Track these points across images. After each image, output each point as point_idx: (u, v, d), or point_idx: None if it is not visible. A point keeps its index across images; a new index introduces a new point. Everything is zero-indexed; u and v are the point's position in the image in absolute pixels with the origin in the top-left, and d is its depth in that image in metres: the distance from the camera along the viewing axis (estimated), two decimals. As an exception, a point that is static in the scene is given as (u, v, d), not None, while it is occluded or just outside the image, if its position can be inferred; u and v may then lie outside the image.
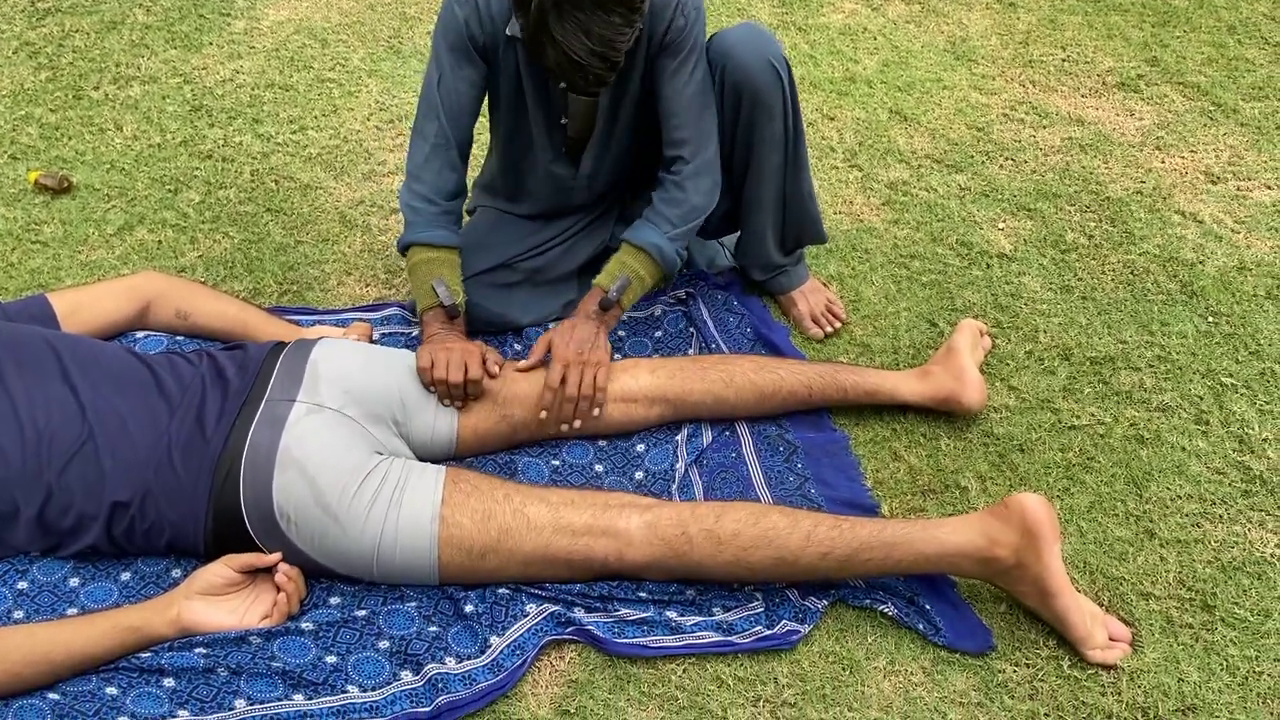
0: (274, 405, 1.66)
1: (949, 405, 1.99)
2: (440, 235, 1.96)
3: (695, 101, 1.96)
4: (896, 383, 2.00)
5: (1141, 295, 2.33)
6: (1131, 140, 2.83)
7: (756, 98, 1.98)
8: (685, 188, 1.98)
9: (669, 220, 1.98)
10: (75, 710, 1.46)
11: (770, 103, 1.99)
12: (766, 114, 2.00)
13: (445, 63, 1.91)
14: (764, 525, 1.62)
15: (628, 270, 1.97)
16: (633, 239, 1.99)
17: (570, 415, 1.88)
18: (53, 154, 2.63)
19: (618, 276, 1.97)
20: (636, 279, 1.97)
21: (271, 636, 1.57)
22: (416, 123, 1.97)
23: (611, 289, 1.95)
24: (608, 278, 1.98)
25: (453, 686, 1.53)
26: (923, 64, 3.13)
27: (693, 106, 1.95)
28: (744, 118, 2.01)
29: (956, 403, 1.98)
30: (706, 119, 1.98)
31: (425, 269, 1.95)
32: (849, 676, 1.60)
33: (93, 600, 1.62)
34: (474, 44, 1.89)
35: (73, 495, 1.59)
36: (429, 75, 1.94)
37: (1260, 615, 1.69)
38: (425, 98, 1.95)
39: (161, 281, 2.00)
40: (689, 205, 1.99)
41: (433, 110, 1.93)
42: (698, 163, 1.98)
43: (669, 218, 1.98)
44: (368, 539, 1.60)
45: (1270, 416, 2.04)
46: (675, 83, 1.94)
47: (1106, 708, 1.56)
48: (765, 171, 2.09)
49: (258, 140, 2.71)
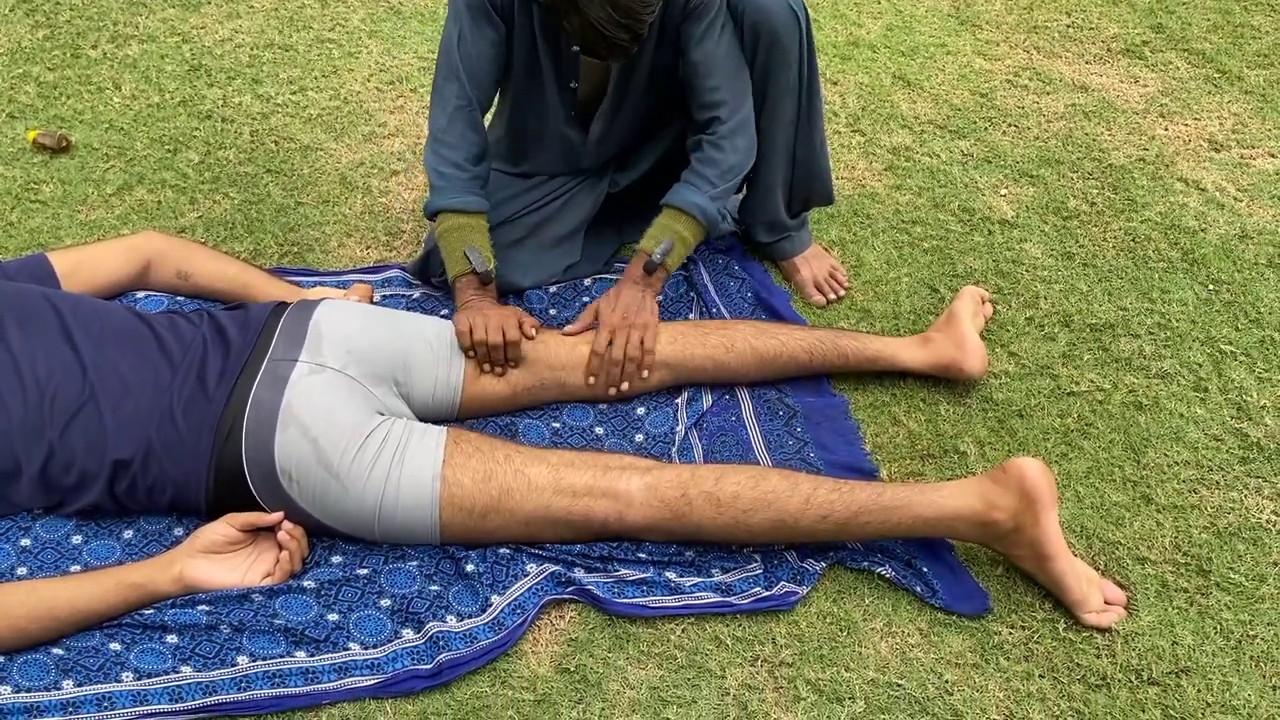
0: (276, 364, 1.66)
1: (949, 372, 1.99)
2: (470, 200, 1.94)
3: (728, 61, 1.95)
4: (897, 349, 2.00)
5: (1142, 262, 2.33)
6: (1135, 107, 2.82)
7: (774, 40, 1.96)
8: (723, 147, 1.97)
9: (709, 180, 1.98)
10: (79, 665, 1.47)
11: (787, 46, 1.98)
12: (782, 59, 1.99)
13: (465, 22, 1.89)
14: (764, 488, 1.62)
15: (670, 233, 1.97)
16: (674, 201, 1.98)
17: (618, 379, 1.90)
18: (51, 113, 2.61)
19: (661, 240, 1.96)
20: (680, 240, 1.97)
21: (274, 594, 1.58)
22: (436, 84, 1.95)
23: (655, 252, 1.95)
24: (651, 241, 1.97)
25: (454, 644, 1.55)
26: (927, 29, 3.11)
27: (726, 66, 1.95)
28: (759, 63, 2.00)
29: (957, 370, 1.98)
30: (740, 78, 1.97)
31: (457, 235, 1.94)
32: (846, 637, 1.61)
33: (95, 557, 1.63)
34: (492, 4, 1.88)
35: (75, 453, 1.59)
36: (448, 35, 1.92)
37: (1255, 580, 1.71)
38: (445, 59, 1.93)
39: (162, 241, 1.99)
40: (728, 164, 1.98)
41: (453, 72, 1.91)
42: (734, 121, 1.97)
43: (709, 178, 1.98)
44: (369, 498, 1.61)
45: (1269, 384, 2.05)
46: (705, 45, 1.92)
47: (1101, 669, 1.58)
48: (778, 122, 2.07)
49: (257, 101, 2.70)
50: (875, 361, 2.00)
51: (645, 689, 1.54)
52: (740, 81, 1.98)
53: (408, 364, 1.78)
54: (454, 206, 1.94)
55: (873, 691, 1.55)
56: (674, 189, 2.00)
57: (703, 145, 1.99)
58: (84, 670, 1.47)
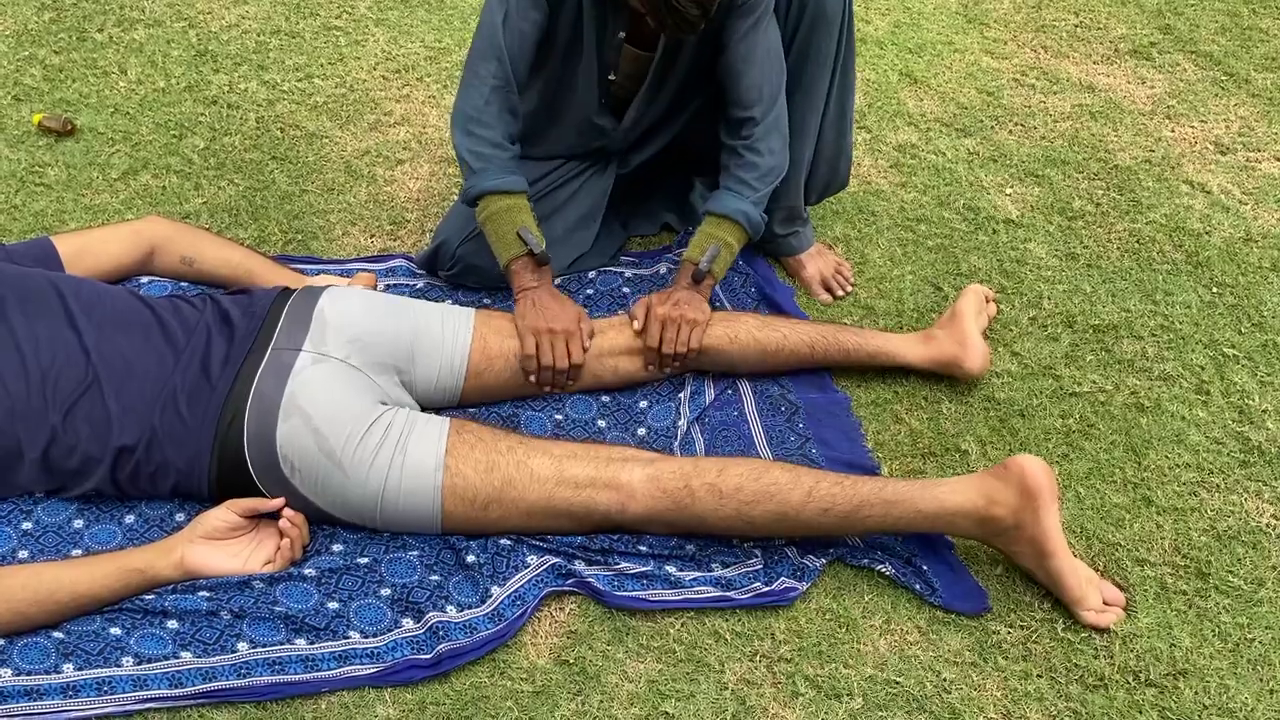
0: (279, 354, 1.66)
1: (951, 369, 1.99)
2: (513, 180, 1.90)
3: (767, 62, 1.94)
4: (899, 345, 2.00)
5: (1147, 264, 2.33)
6: (1142, 109, 2.82)
7: (820, 8, 1.96)
8: (759, 150, 1.96)
9: (749, 185, 1.97)
10: (79, 649, 1.47)
11: (831, 14, 1.97)
12: (826, 27, 1.98)
13: (512, 4, 1.86)
14: (766, 480, 1.63)
15: (715, 240, 1.96)
16: (717, 209, 1.97)
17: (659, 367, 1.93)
18: (56, 96, 2.61)
19: (706, 247, 1.96)
20: (725, 247, 1.97)
21: (274, 581, 1.58)
22: (471, 64, 1.90)
23: (702, 260, 1.95)
24: (697, 250, 1.97)
25: (453, 635, 1.55)
26: (934, 26, 3.10)
27: (765, 66, 1.93)
28: (801, 33, 1.99)
29: (958, 367, 1.98)
30: (775, 77, 1.96)
31: (505, 217, 1.90)
32: (845, 634, 1.62)
33: (96, 542, 1.63)
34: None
35: (78, 437, 1.59)
36: (490, 15, 1.88)
37: (1254, 584, 1.71)
38: (486, 38, 1.88)
39: (167, 227, 1.99)
40: (767, 167, 1.97)
41: (494, 50, 1.87)
42: (768, 122, 1.96)
43: (749, 182, 1.97)
44: (371, 487, 1.61)
45: (1271, 388, 2.05)
46: (748, 43, 1.91)
47: (1099, 670, 1.58)
48: (811, 99, 2.06)
49: (263, 87, 2.69)
50: (876, 357, 2.00)
51: (644, 682, 1.54)
52: (777, 80, 1.97)
53: (413, 349, 1.78)
54: (499, 188, 1.89)
55: (871, 688, 1.55)
56: (715, 197, 1.99)
57: (739, 150, 1.98)
58: (84, 654, 1.47)
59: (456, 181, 2.45)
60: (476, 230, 2.02)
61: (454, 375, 1.83)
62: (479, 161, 1.90)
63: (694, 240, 1.98)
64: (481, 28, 1.90)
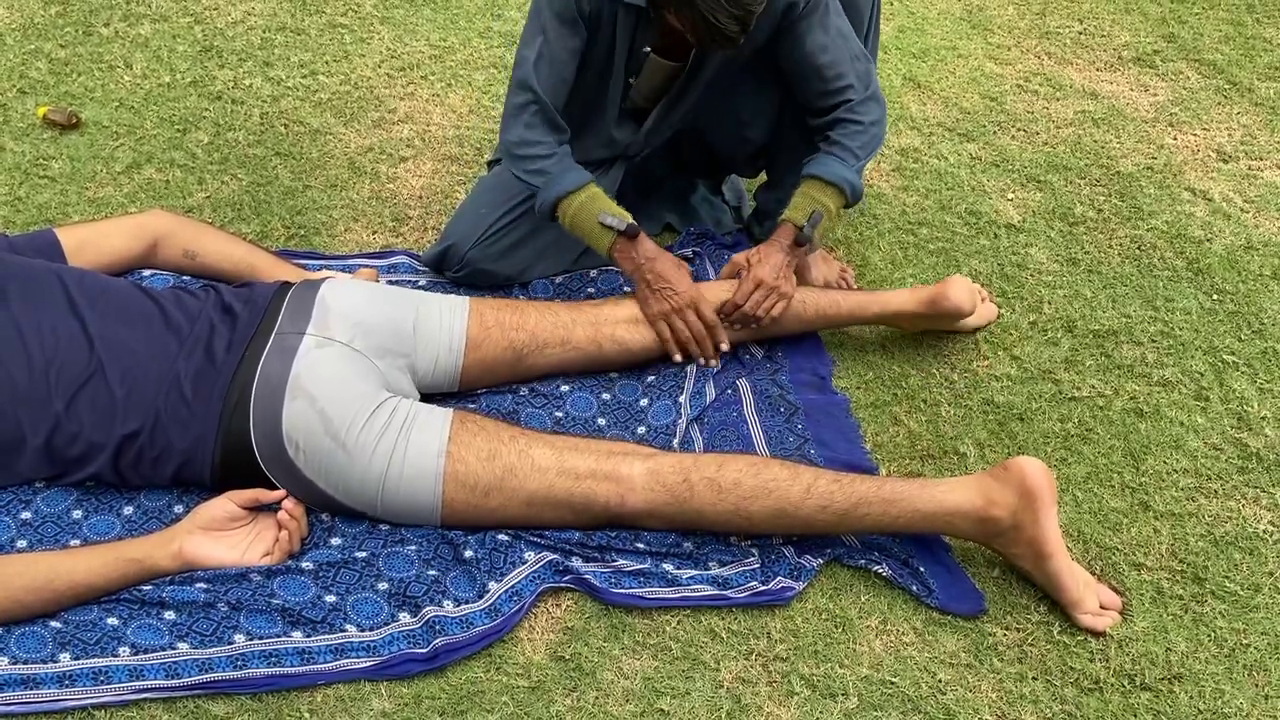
0: (284, 337, 1.67)
1: (937, 305, 2.01)
2: (574, 178, 1.92)
3: (841, 42, 1.94)
4: (890, 296, 2.06)
5: (1147, 270, 2.33)
6: (1144, 116, 2.82)
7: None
8: (860, 114, 1.96)
9: (852, 152, 1.95)
10: (76, 639, 1.48)
11: (860, 5, 2.00)
12: (855, 14, 2.00)
13: (551, 33, 1.88)
14: (765, 476, 1.63)
15: (818, 205, 1.94)
16: (821, 173, 1.94)
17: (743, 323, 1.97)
18: (62, 89, 2.62)
19: (809, 211, 1.94)
20: (826, 213, 1.95)
21: (272, 574, 1.58)
22: (509, 98, 1.95)
23: (806, 225, 1.93)
24: (799, 212, 1.95)
25: (450, 629, 1.55)
26: (938, 31, 3.11)
27: (841, 49, 1.94)
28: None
29: (944, 299, 2.00)
30: (856, 51, 1.96)
31: (583, 214, 1.92)
32: (841, 634, 1.62)
33: (95, 533, 1.64)
34: (581, 13, 1.88)
35: (81, 424, 1.60)
36: (527, 50, 1.91)
37: (1250, 589, 1.71)
38: (522, 73, 1.91)
39: (170, 220, 2.00)
40: (870, 134, 1.97)
41: (526, 86, 1.90)
42: (866, 93, 1.96)
43: (852, 149, 1.95)
44: (374, 470, 1.61)
45: (1270, 395, 2.05)
46: (818, 35, 1.91)
47: (1094, 673, 1.58)
48: None
49: (268, 83, 2.70)
50: (864, 306, 2.05)
51: (639, 679, 1.54)
52: (858, 55, 1.96)
53: (414, 332, 1.79)
54: (564, 190, 1.91)
55: (866, 688, 1.55)
56: (818, 160, 1.96)
57: (842, 119, 1.96)
58: (81, 644, 1.47)
59: (459, 179, 2.46)
60: (486, 234, 2.04)
61: (453, 352, 1.83)
62: (538, 178, 1.93)
63: (795, 201, 1.97)
64: (517, 63, 1.93)
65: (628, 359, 1.97)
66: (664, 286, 1.91)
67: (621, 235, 1.91)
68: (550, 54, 1.89)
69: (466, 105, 2.67)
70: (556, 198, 1.92)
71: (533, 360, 1.90)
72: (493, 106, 2.68)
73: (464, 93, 2.72)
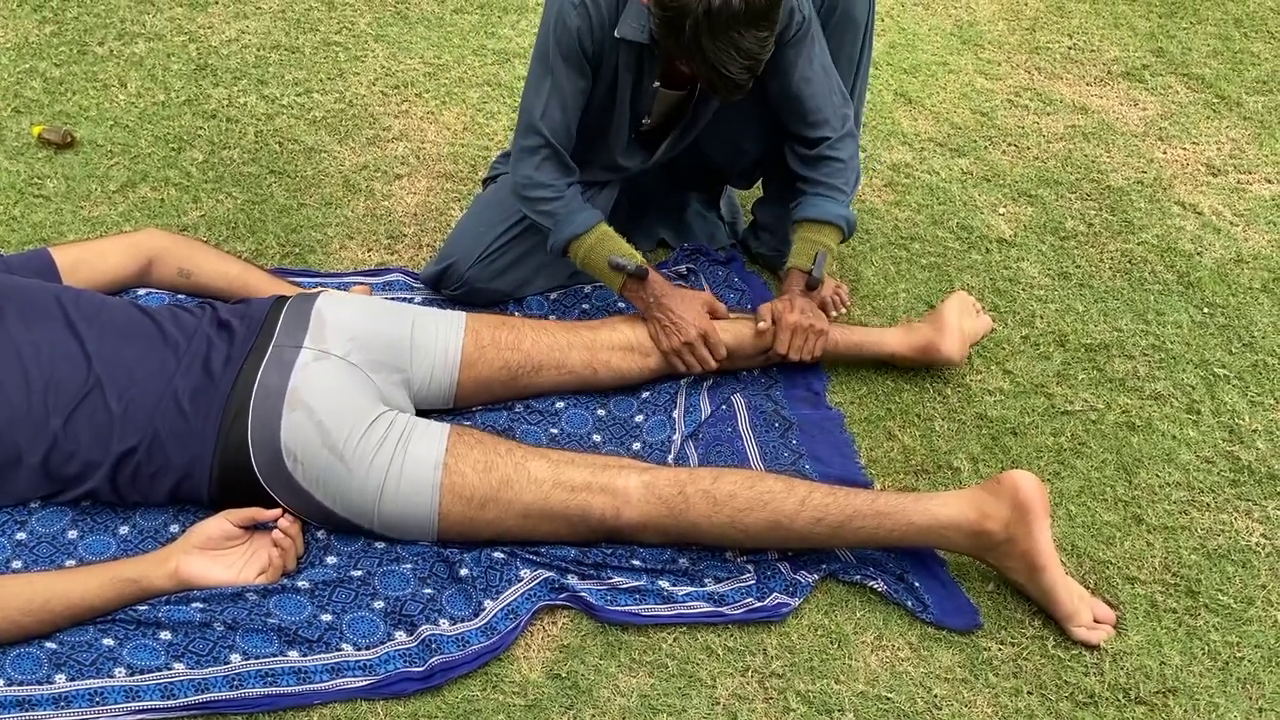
0: (281, 350, 1.68)
1: (930, 355, 2.04)
2: (584, 219, 1.98)
3: (824, 78, 1.99)
4: (882, 335, 2.07)
5: (1138, 284, 2.35)
6: (1134, 130, 2.84)
7: (848, 12, 2.02)
8: (842, 155, 2.03)
9: (839, 190, 2.03)
10: (72, 660, 1.47)
11: (857, 17, 2.03)
12: (852, 29, 2.04)
13: (560, 75, 1.91)
14: (760, 489, 1.64)
15: (819, 247, 2.02)
16: (816, 215, 2.02)
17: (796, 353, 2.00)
18: (56, 108, 2.62)
19: (814, 254, 2.01)
20: (829, 253, 2.04)
21: (268, 593, 1.58)
22: (516, 139, 1.98)
23: (813, 268, 2.00)
24: (805, 258, 2.02)
25: (446, 648, 1.55)
26: (929, 47, 3.13)
27: (823, 84, 1.99)
28: (828, 33, 2.02)
29: (935, 351, 2.03)
30: (836, 88, 2.02)
31: (594, 256, 1.98)
32: (837, 650, 1.62)
33: (90, 553, 1.64)
34: (585, 53, 1.90)
35: (78, 443, 1.60)
36: (535, 93, 1.93)
37: (1243, 602, 1.72)
38: (531, 117, 1.94)
39: (164, 239, 2.00)
40: (851, 168, 2.05)
41: (536, 131, 1.94)
42: (842, 131, 2.03)
43: (839, 187, 2.03)
44: (372, 482, 1.62)
45: (1261, 408, 2.06)
46: (802, 67, 1.96)
47: (1089, 687, 1.59)
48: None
49: (262, 102, 2.71)
50: (861, 347, 2.06)
51: (636, 697, 1.54)
52: (837, 91, 2.02)
53: (410, 346, 1.80)
54: (574, 232, 1.97)
55: (862, 704, 1.55)
56: (810, 203, 2.03)
57: (824, 157, 2.02)
58: (77, 665, 1.47)
59: (454, 196, 2.46)
60: (486, 253, 2.07)
61: (448, 368, 1.84)
62: (548, 220, 1.98)
63: (797, 248, 2.04)
64: (526, 103, 1.96)
65: (621, 384, 1.98)
66: (673, 322, 1.95)
67: (631, 276, 1.96)
68: (560, 96, 1.92)
69: (461, 123, 2.69)
70: (566, 240, 1.98)
71: (527, 381, 1.91)
72: (487, 124, 2.69)
73: (458, 110, 2.73)
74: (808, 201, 2.03)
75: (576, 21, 1.86)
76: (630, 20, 1.86)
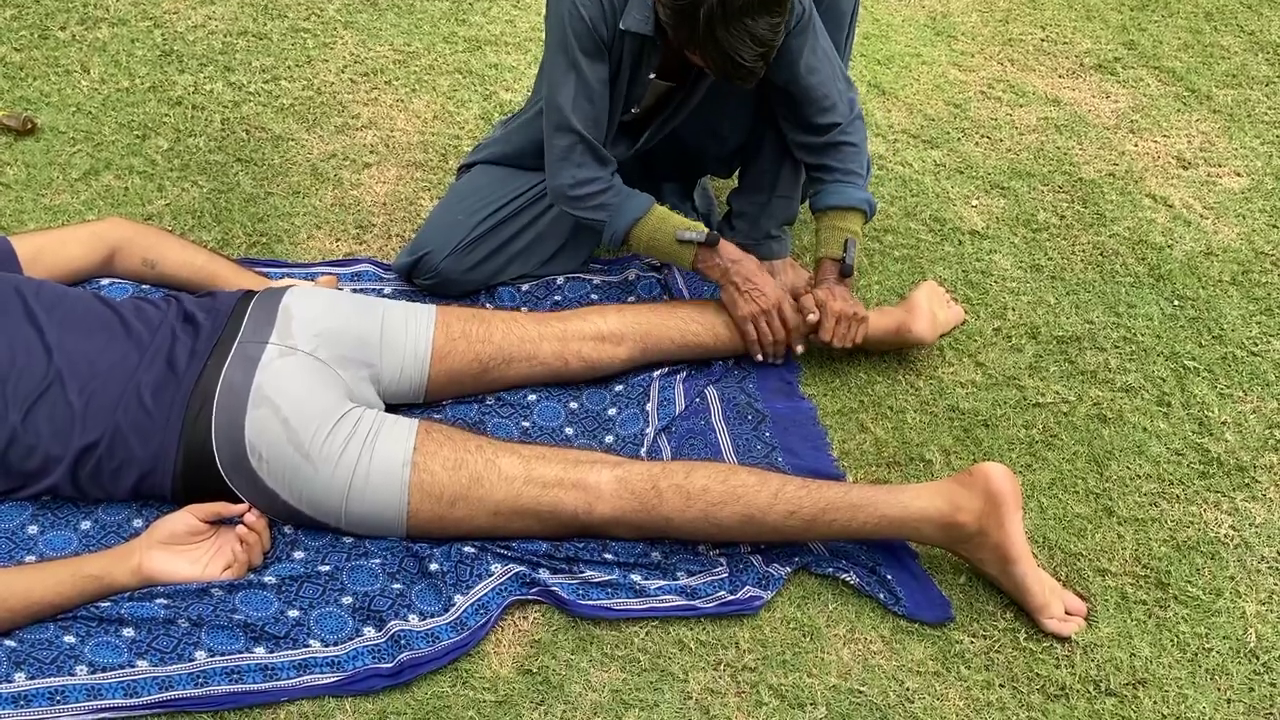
0: (246, 346, 1.65)
1: (901, 334, 2.06)
2: (637, 205, 1.98)
3: (827, 64, 2.00)
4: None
5: (1110, 277, 2.35)
6: (1106, 122, 2.85)
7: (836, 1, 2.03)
8: (854, 139, 2.05)
9: (856, 174, 2.05)
10: (32, 658, 1.45)
11: (844, 7, 2.05)
12: (837, 19, 2.05)
13: (583, 68, 1.89)
14: (733, 482, 1.63)
15: (847, 233, 2.04)
16: (841, 203, 2.03)
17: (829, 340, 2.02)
18: (16, 94, 2.57)
19: (843, 242, 2.02)
20: (857, 238, 2.05)
21: (234, 589, 1.56)
22: (555, 142, 1.96)
23: (845, 256, 2.02)
24: (834, 247, 2.03)
25: (415, 644, 1.54)
26: (903, 38, 3.13)
27: (827, 70, 2.00)
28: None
29: (908, 331, 2.05)
30: (839, 71, 2.03)
31: (659, 237, 1.98)
32: (809, 643, 1.62)
33: (51, 548, 1.61)
34: (602, 41, 1.89)
35: (39, 437, 1.57)
36: (556, 89, 1.92)
37: (1212, 594, 1.73)
38: (559, 116, 1.93)
39: (128, 228, 1.96)
40: (863, 153, 2.07)
41: (569, 129, 1.93)
42: (851, 115, 2.04)
43: (856, 171, 2.05)
44: (339, 481, 1.59)
45: (1230, 400, 2.07)
46: (808, 56, 1.96)
47: (1060, 679, 1.59)
48: None
49: (229, 89, 2.67)
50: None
51: (607, 691, 1.53)
52: (840, 76, 2.03)
53: (379, 341, 1.78)
54: (634, 218, 1.97)
55: (834, 698, 1.55)
56: (831, 191, 2.04)
57: (838, 144, 2.04)
58: (37, 663, 1.44)
59: (424, 185, 2.44)
60: (463, 242, 2.04)
61: (419, 362, 1.81)
62: (601, 213, 1.98)
63: (824, 237, 2.05)
64: (550, 99, 1.93)
65: (593, 375, 1.96)
66: (752, 288, 1.97)
67: (703, 246, 1.96)
68: (586, 90, 1.91)
69: (431, 111, 2.66)
70: (628, 227, 1.97)
71: (498, 373, 1.89)
72: (457, 112, 2.66)
73: (428, 98, 2.70)
74: (828, 190, 2.05)
75: (591, 11, 1.86)
76: (634, 12, 1.86)
